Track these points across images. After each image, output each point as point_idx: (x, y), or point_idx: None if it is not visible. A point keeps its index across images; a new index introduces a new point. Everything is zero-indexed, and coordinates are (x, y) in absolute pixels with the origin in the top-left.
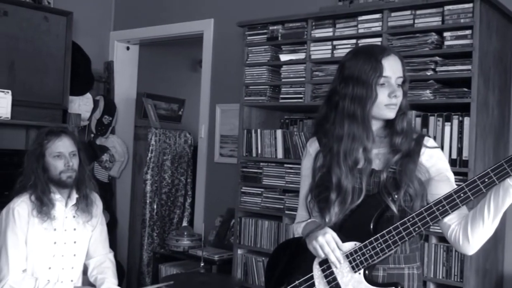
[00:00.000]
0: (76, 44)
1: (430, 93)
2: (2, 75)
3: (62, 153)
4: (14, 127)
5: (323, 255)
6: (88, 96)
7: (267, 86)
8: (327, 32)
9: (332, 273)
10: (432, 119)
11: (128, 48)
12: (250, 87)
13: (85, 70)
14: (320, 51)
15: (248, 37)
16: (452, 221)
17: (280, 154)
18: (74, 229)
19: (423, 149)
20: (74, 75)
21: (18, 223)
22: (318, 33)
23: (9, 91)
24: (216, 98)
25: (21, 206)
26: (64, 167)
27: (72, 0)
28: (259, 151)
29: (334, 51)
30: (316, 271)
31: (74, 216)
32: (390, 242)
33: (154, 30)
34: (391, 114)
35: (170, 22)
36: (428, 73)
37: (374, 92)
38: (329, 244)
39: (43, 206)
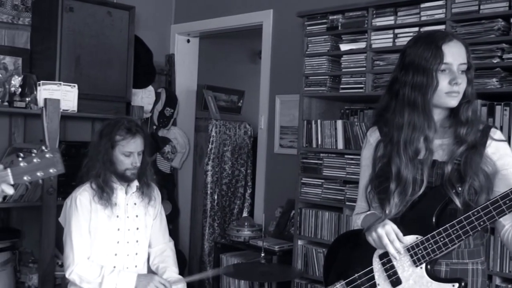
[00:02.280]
0: (138, 38)
1: (497, 81)
2: (69, 69)
3: (132, 153)
4: (80, 119)
5: (382, 247)
6: (150, 88)
7: (327, 76)
8: (388, 20)
9: (392, 266)
10: (498, 109)
11: (188, 41)
12: (310, 77)
13: (147, 63)
14: (381, 40)
15: (308, 27)
16: (507, 221)
17: (340, 145)
18: (136, 216)
19: (489, 141)
20: (137, 68)
21: (80, 212)
22: (379, 21)
23: (76, 85)
24: (275, 89)
25: (83, 194)
26: (131, 166)
27: None
28: (319, 142)
29: (396, 40)
30: (376, 264)
31: (135, 203)
32: (453, 236)
33: (213, 22)
34: (452, 102)
35: (229, 14)
36: (495, 61)
37: (435, 79)
38: (388, 235)
39: (104, 193)
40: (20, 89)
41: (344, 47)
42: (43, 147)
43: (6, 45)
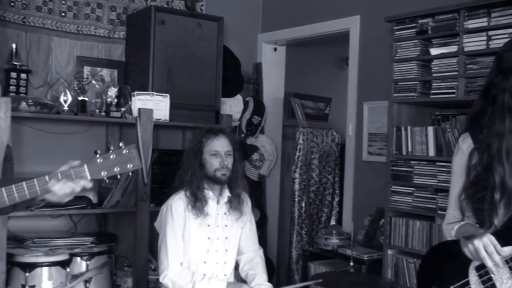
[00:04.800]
0: (226, 47)
1: None
2: (161, 80)
3: (218, 152)
4: (172, 128)
5: (479, 259)
6: (239, 97)
7: (417, 82)
8: (481, 22)
9: (490, 279)
10: None
11: (275, 49)
12: (399, 83)
13: (236, 72)
14: (474, 43)
15: (396, 32)
16: None
17: (432, 152)
18: (226, 226)
19: None
20: (226, 77)
21: (175, 219)
22: (471, 23)
23: (167, 95)
24: (363, 96)
25: (178, 202)
26: (219, 165)
27: (222, 5)
28: (409, 149)
29: (490, 42)
30: (472, 276)
31: (225, 213)
32: None
33: (300, 30)
34: None
35: (316, 22)
36: None
37: None
38: (486, 247)
39: (197, 202)
40: (116, 100)
41: (434, 51)
42: (121, 144)
43: (103, 58)
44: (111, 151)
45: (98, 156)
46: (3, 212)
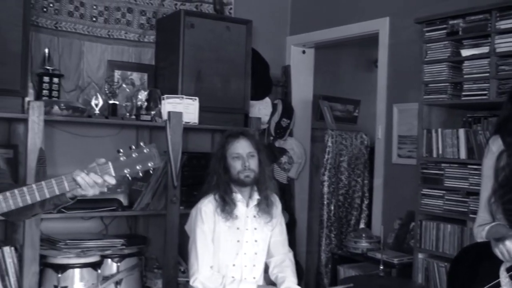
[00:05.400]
0: (255, 50)
1: None
2: (191, 83)
3: (240, 154)
4: (201, 131)
5: (510, 260)
6: (267, 100)
7: (447, 84)
8: None
9: None
10: None
11: (304, 52)
12: (430, 85)
13: (264, 75)
14: (506, 44)
15: (427, 33)
16: None
17: (463, 155)
18: (255, 229)
19: None
20: (254, 80)
21: (205, 222)
22: (504, 24)
23: (197, 98)
24: (393, 98)
25: (207, 206)
26: (241, 167)
27: (251, 8)
28: (440, 152)
29: None
30: (503, 278)
31: (254, 216)
32: None
33: (329, 33)
34: None
35: (344, 24)
36: None
37: None
38: None
39: (226, 205)
40: (146, 103)
41: (465, 52)
42: (141, 143)
43: (133, 62)
44: (132, 150)
45: (121, 154)
46: (32, 212)
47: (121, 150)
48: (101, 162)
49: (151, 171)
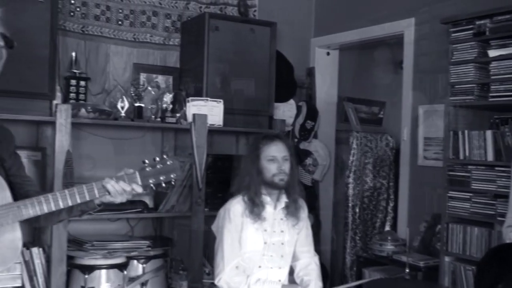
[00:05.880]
0: (279, 52)
1: None
2: (215, 86)
3: (275, 157)
4: (225, 133)
5: None
6: (292, 102)
7: (474, 85)
8: None
9: None
10: None
11: (328, 54)
12: (456, 86)
13: (288, 77)
14: None
15: (453, 34)
16: None
17: (490, 157)
18: (282, 231)
19: None
20: (278, 82)
21: (233, 223)
22: None
23: (221, 100)
24: (418, 99)
25: (236, 206)
26: (277, 171)
27: (275, 10)
28: (467, 154)
29: None
30: None
31: (282, 219)
32: None
33: (353, 34)
34: None
35: (369, 25)
36: None
37: None
38: None
39: (255, 207)
40: (171, 106)
41: (493, 53)
42: (164, 156)
43: (158, 65)
44: (157, 161)
45: (146, 165)
46: (59, 218)
47: (147, 161)
48: (129, 171)
49: (172, 182)
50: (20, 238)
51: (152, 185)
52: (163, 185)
